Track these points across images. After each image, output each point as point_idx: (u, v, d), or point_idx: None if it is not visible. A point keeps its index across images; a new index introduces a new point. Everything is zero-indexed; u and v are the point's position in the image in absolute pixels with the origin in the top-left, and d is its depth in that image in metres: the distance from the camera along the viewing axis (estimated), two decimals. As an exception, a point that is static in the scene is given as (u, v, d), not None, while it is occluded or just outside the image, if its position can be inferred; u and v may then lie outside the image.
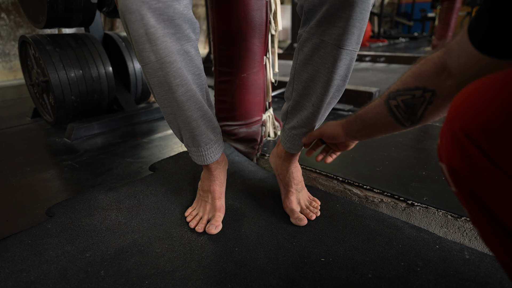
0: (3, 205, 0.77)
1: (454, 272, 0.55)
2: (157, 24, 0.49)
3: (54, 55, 1.20)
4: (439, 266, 0.57)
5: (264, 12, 0.89)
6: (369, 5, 0.51)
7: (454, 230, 0.64)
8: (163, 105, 0.60)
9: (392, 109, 0.48)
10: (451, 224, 0.65)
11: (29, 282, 0.54)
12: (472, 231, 0.63)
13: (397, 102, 0.47)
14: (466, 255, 0.59)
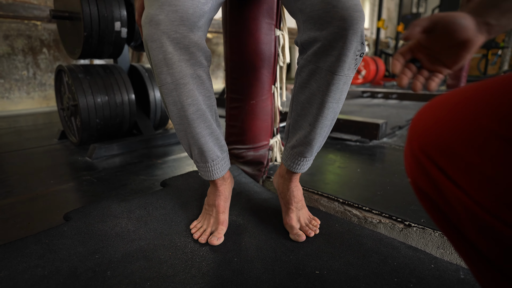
0: (28, 210, 0.84)
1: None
2: (174, 51, 0.58)
3: (84, 82, 1.34)
4: (433, 284, 0.57)
5: (273, 46, 0.99)
6: (358, 37, 0.58)
7: (450, 251, 0.65)
8: (176, 122, 0.68)
9: None
10: (448, 245, 0.66)
11: (43, 276, 0.58)
12: (468, 252, 0.63)
13: None
14: (461, 275, 0.59)
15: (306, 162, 0.74)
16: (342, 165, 1.16)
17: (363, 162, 1.20)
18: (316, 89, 0.64)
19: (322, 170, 1.13)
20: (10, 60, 2.64)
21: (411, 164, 0.31)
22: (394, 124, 1.77)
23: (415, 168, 0.30)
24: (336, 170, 1.13)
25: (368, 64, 3.84)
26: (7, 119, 2.31)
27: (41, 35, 2.71)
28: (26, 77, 2.78)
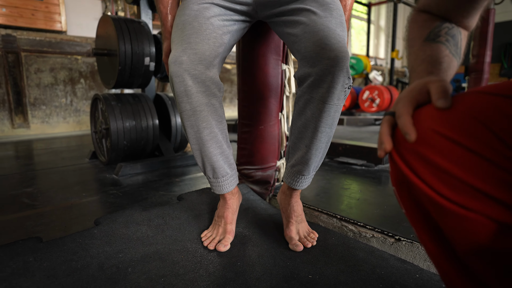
0: (65, 216, 0.97)
1: (426, 295, 0.61)
2: (193, 85, 0.72)
3: (116, 109, 1.53)
4: (414, 290, 0.63)
5: (279, 78, 1.13)
6: (344, 72, 0.70)
7: (435, 263, 0.71)
8: (193, 143, 0.80)
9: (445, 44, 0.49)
10: (432, 258, 0.71)
11: (76, 268, 0.70)
12: (450, 264, 0.69)
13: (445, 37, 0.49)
14: (443, 285, 0.65)
15: (305, 179, 0.84)
16: (345, 187, 1.24)
17: (366, 184, 1.27)
18: (311, 116, 0.75)
19: (326, 191, 1.21)
20: (53, 89, 2.95)
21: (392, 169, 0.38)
22: (402, 150, 1.82)
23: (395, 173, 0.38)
24: (339, 191, 1.20)
25: (382, 93, 3.93)
26: (45, 141, 2.56)
27: (80, 68, 3.03)
28: (64, 104, 3.08)
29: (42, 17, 2.80)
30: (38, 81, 2.86)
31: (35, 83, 2.85)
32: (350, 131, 2.73)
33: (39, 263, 0.71)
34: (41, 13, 2.79)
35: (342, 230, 0.89)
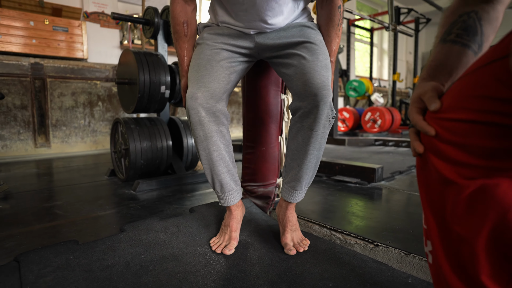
0: (93, 224, 1.13)
1: (393, 288, 0.75)
2: (205, 115, 0.89)
3: (134, 131, 1.72)
4: (385, 285, 0.77)
5: (279, 106, 1.30)
6: (328, 106, 0.86)
7: (406, 264, 0.84)
8: (204, 163, 0.97)
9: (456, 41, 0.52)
10: (404, 260, 0.85)
11: (108, 265, 0.85)
12: (418, 264, 0.82)
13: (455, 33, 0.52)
14: (409, 280, 0.78)
15: (298, 194, 0.99)
16: (337, 203, 1.38)
17: (356, 200, 1.41)
18: (302, 141, 0.91)
19: (320, 205, 1.35)
20: (73, 111, 3.20)
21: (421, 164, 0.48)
22: (396, 169, 1.96)
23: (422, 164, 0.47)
24: (332, 205, 1.34)
25: (384, 114, 4.09)
26: (65, 159, 2.76)
27: (98, 92, 3.29)
28: (82, 125, 3.32)
29: (67, 46, 3.09)
30: (60, 104, 3.11)
31: (58, 106, 3.10)
32: (350, 151, 2.88)
33: (78, 260, 0.86)
34: (66, 43, 3.08)
35: (331, 238, 1.03)
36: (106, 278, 0.80)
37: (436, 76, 0.54)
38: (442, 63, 0.54)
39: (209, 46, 0.97)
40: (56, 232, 1.08)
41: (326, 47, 0.98)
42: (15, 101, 2.87)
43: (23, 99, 2.89)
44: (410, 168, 2.05)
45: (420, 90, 0.53)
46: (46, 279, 0.79)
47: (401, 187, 1.61)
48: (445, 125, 0.43)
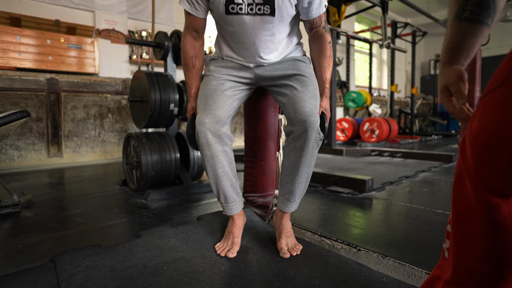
0: (113, 231, 1.28)
1: (372, 287, 0.89)
2: (212, 138, 1.05)
3: (146, 145, 1.88)
4: (363, 283, 0.91)
5: (277, 125, 1.46)
6: (315, 131, 1.02)
7: (382, 266, 0.98)
8: (210, 177, 1.12)
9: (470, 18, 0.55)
10: (381, 262, 0.99)
11: (128, 266, 1.00)
12: (393, 266, 0.97)
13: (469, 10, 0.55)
14: (383, 279, 0.92)
15: (292, 205, 1.14)
16: (329, 212, 1.52)
17: (347, 209, 1.55)
18: (294, 159, 1.07)
19: (314, 214, 1.49)
20: (84, 123, 3.38)
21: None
22: (387, 180, 2.10)
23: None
24: (324, 214, 1.49)
25: (381, 124, 4.23)
26: (77, 169, 2.93)
27: (108, 104, 3.47)
28: (92, 136, 3.50)
29: (80, 62, 3.28)
30: (73, 116, 3.29)
31: (70, 118, 3.29)
32: (347, 161, 3.02)
33: (103, 262, 1.01)
34: (79, 59, 3.28)
35: (321, 243, 1.18)
36: (128, 276, 0.95)
37: (456, 59, 0.58)
38: (460, 45, 0.58)
39: (215, 77, 1.13)
40: (80, 238, 1.24)
41: (315, 78, 1.14)
42: (31, 114, 3.05)
43: (39, 112, 3.08)
44: (401, 179, 2.19)
45: (446, 79, 0.59)
46: (78, 277, 0.94)
47: (389, 198, 1.75)
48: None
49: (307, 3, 1.03)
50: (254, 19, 1.02)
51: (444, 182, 2.15)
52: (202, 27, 1.13)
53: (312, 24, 1.10)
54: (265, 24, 1.03)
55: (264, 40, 1.07)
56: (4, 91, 2.81)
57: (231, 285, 0.92)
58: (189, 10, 1.08)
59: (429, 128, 7.57)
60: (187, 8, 1.07)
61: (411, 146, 4.59)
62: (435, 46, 9.38)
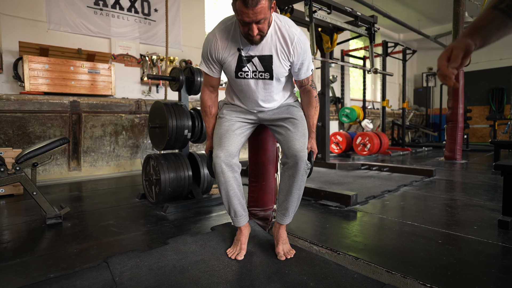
0: (144, 238, 1.61)
1: (345, 281, 1.21)
2: (225, 167, 1.38)
3: (164, 165, 2.21)
4: (339, 278, 1.23)
5: (275, 152, 1.79)
6: (304, 163, 1.35)
7: (355, 266, 1.31)
8: (223, 197, 1.45)
9: (504, 9, 0.61)
10: (354, 263, 1.31)
11: (162, 266, 1.32)
12: (363, 266, 1.29)
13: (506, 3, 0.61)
14: (355, 276, 1.25)
15: (287, 218, 1.46)
16: (318, 223, 1.85)
17: (333, 220, 1.87)
18: (288, 184, 1.40)
19: (306, 225, 1.82)
20: (101, 140, 3.72)
21: None
22: (371, 194, 2.43)
23: None
24: (315, 224, 1.81)
25: (372, 139, 4.57)
26: (95, 182, 3.26)
27: (123, 123, 3.82)
28: (108, 151, 3.83)
29: (98, 85, 3.64)
30: (91, 134, 3.63)
31: (89, 136, 3.62)
32: (339, 175, 3.35)
33: (142, 262, 1.34)
34: (98, 83, 3.63)
35: (310, 248, 1.50)
36: (162, 274, 1.28)
37: (474, 36, 0.69)
38: (483, 27, 0.67)
39: (227, 119, 1.47)
40: (120, 244, 1.56)
41: (305, 120, 1.47)
42: (56, 133, 3.39)
43: (62, 130, 3.42)
44: (383, 193, 2.52)
45: (456, 43, 0.69)
46: (126, 273, 1.26)
47: (370, 210, 2.07)
48: None
49: (297, 69, 1.38)
50: (257, 81, 1.36)
51: (421, 196, 2.47)
52: (217, 84, 1.47)
53: (301, 83, 1.44)
54: (265, 85, 1.37)
55: (265, 95, 1.41)
56: (34, 113, 3.16)
57: (241, 280, 1.24)
58: (207, 72, 1.42)
59: (421, 139, 7.91)
60: (205, 70, 1.42)
61: (402, 158, 4.92)
62: (427, 60, 9.79)
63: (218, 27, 1.37)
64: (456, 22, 4.50)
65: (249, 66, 1.35)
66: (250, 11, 1.15)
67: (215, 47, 1.36)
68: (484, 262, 1.31)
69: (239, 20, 1.21)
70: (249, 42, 1.28)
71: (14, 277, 1.23)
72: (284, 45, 1.32)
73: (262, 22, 1.20)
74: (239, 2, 1.15)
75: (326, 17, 2.98)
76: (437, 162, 4.35)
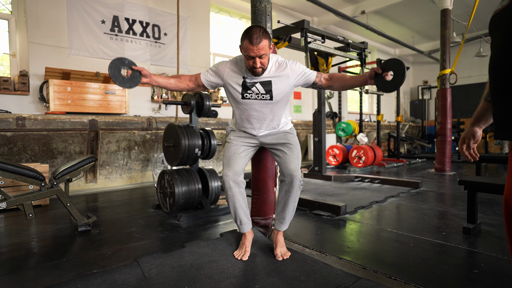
0: (164, 243, 1.91)
1: (330, 276, 1.52)
2: (233, 184, 1.70)
3: (178, 180, 2.53)
4: (325, 274, 1.53)
5: (274, 169, 2.11)
6: (298, 181, 1.66)
7: (339, 264, 1.61)
8: (231, 208, 1.76)
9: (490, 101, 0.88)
10: (338, 262, 1.62)
11: (181, 265, 1.63)
12: (345, 264, 1.59)
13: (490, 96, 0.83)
14: (338, 272, 1.55)
15: (283, 226, 1.77)
16: (311, 230, 2.15)
17: (325, 228, 2.18)
18: (284, 197, 1.71)
19: (301, 231, 2.12)
20: (115, 154, 4.05)
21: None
22: (360, 204, 2.73)
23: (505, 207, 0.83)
24: (308, 231, 2.11)
25: (367, 152, 4.88)
26: (110, 193, 3.58)
27: (135, 138, 4.16)
28: (121, 164, 4.16)
29: (114, 105, 4.00)
30: (107, 149, 3.97)
31: (105, 151, 3.96)
32: (333, 187, 3.65)
33: (165, 262, 1.64)
34: (114, 102, 3.99)
35: (303, 251, 1.81)
36: (182, 271, 1.58)
37: (477, 124, 1.02)
38: (482, 115, 0.98)
39: (234, 144, 1.80)
40: (144, 247, 1.87)
41: (298, 145, 1.79)
42: (76, 149, 3.73)
43: (81, 146, 3.76)
44: (371, 204, 2.82)
45: (466, 133, 1.06)
46: (153, 270, 1.57)
47: (357, 219, 2.38)
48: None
49: (304, 77, 1.69)
50: (260, 102, 1.69)
51: (404, 206, 2.77)
52: (199, 84, 1.75)
53: (315, 83, 1.74)
54: (266, 105, 1.70)
55: (266, 113, 1.72)
56: (57, 131, 3.51)
57: (246, 275, 1.55)
58: (204, 76, 1.72)
59: (417, 150, 8.21)
60: (203, 75, 1.73)
61: (395, 170, 5.22)
62: (422, 73, 10.16)
63: (231, 60, 1.74)
64: (443, 44, 4.86)
65: (253, 89, 1.67)
66: (254, 48, 1.50)
67: (223, 70, 1.71)
68: (442, 260, 1.61)
69: (246, 56, 1.56)
70: (253, 74, 1.62)
71: (65, 272, 1.55)
72: (281, 71, 1.66)
73: (263, 57, 1.55)
74: (246, 41, 1.51)
75: (320, 46, 3.33)
76: (427, 174, 4.64)
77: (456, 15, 6.72)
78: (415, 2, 6.18)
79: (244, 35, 1.53)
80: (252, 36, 1.49)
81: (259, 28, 1.52)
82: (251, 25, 1.66)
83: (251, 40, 1.49)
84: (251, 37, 1.49)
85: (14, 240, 2.03)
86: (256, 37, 1.49)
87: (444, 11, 4.81)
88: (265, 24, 2.08)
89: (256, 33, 1.49)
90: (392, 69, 1.48)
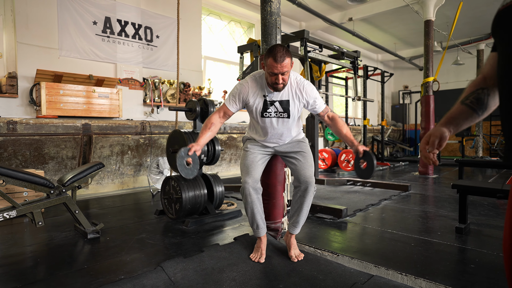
0: (182, 249, 1.95)
1: (345, 275, 1.63)
2: (252, 191, 1.78)
3: (184, 185, 2.56)
4: (340, 273, 1.64)
5: (283, 175, 2.21)
6: (312, 187, 1.77)
7: (351, 263, 1.73)
8: (248, 214, 1.83)
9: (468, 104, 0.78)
10: (351, 262, 1.74)
11: (203, 268, 1.68)
12: (358, 263, 1.71)
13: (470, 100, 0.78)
14: (351, 271, 1.66)
15: (297, 229, 1.87)
16: (317, 232, 2.27)
17: (329, 230, 2.30)
18: (299, 202, 1.81)
19: (309, 234, 2.23)
20: (108, 159, 3.99)
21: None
22: (358, 207, 2.89)
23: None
24: (315, 233, 2.23)
25: (355, 156, 5.11)
26: (101, 200, 3.53)
27: (129, 143, 4.11)
28: (113, 169, 4.10)
29: (107, 108, 3.94)
30: (100, 154, 3.90)
31: (98, 155, 3.89)
32: (328, 190, 3.81)
33: (188, 266, 1.69)
34: (107, 106, 3.93)
35: (315, 252, 1.91)
36: (205, 274, 1.64)
37: (447, 125, 0.86)
38: (455, 118, 0.83)
39: (252, 153, 1.87)
40: (162, 253, 1.90)
41: (311, 153, 1.90)
42: (68, 153, 3.65)
43: (74, 151, 3.68)
44: (368, 207, 2.98)
45: (434, 130, 0.86)
46: (178, 274, 1.62)
47: (358, 222, 2.52)
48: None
49: (314, 105, 1.81)
50: (278, 119, 1.78)
51: (398, 209, 2.96)
52: (229, 115, 1.86)
53: (322, 113, 1.85)
54: (284, 122, 1.80)
55: (283, 129, 1.82)
56: (50, 135, 3.42)
57: (267, 277, 1.63)
58: (229, 106, 1.81)
59: (399, 153, 8.62)
60: (228, 105, 1.81)
61: (381, 173, 5.48)
62: (403, 78, 10.68)
63: (250, 77, 1.80)
64: (427, 53, 5.19)
65: (272, 108, 1.77)
66: (278, 65, 1.60)
67: (246, 91, 1.78)
68: (443, 257, 1.78)
69: (269, 72, 1.65)
70: (274, 89, 1.71)
71: (92, 279, 1.55)
72: (298, 91, 1.77)
73: (285, 74, 1.65)
74: (270, 59, 1.60)
75: (318, 55, 3.48)
76: (412, 177, 4.92)
77: (437, 25, 7.15)
78: (400, 11, 6.53)
79: (268, 53, 1.62)
80: (276, 55, 1.58)
81: (282, 47, 1.61)
82: (275, 44, 1.75)
83: (275, 58, 1.58)
84: (276, 55, 1.58)
85: (21, 249, 1.99)
86: (280, 55, 1.58)
87: (427, 22, 5.13)
88: (275, 37, 2.18)
89: (280, 51, 1.59)
90: (368, 161, 1.70)
